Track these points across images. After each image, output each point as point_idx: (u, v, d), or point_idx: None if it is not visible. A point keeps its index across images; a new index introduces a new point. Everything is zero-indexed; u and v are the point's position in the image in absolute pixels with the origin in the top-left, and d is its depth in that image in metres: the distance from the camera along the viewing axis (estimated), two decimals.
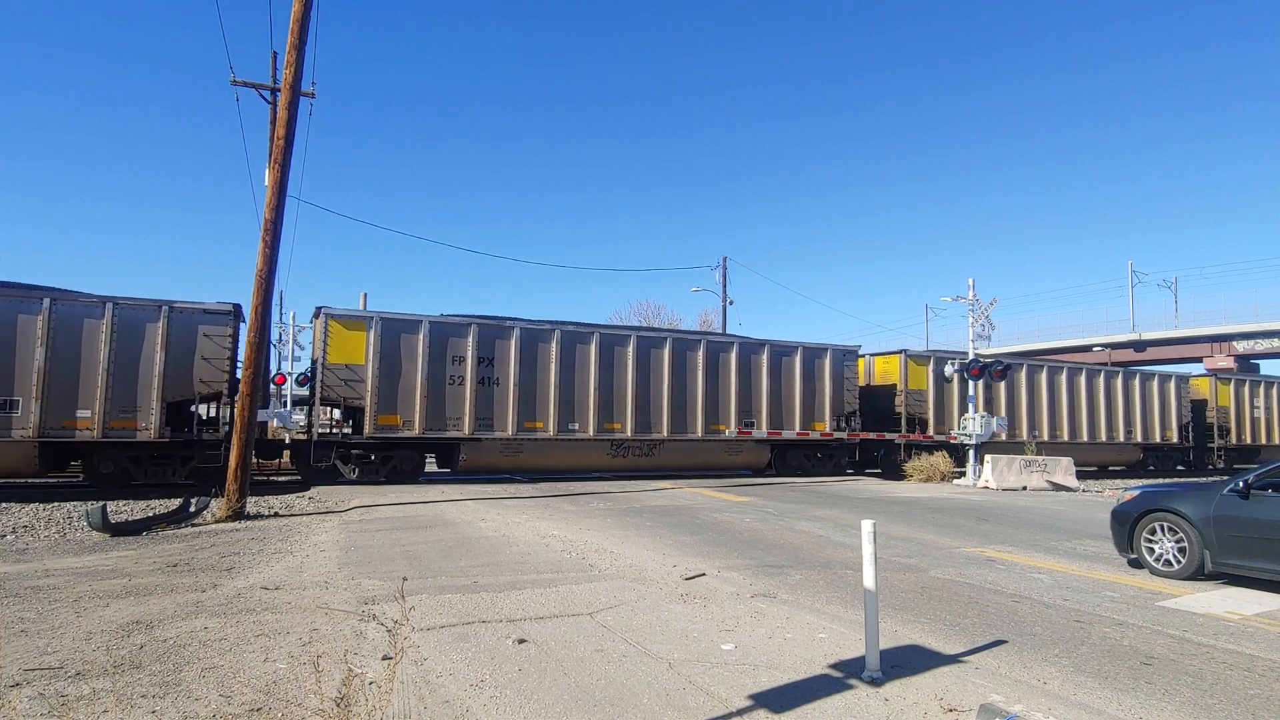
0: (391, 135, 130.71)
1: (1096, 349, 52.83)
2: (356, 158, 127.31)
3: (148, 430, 14.44)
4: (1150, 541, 7.97)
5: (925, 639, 5.33)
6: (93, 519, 9.91)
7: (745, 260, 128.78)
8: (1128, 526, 8.25)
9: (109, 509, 10.90)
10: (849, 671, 4.53)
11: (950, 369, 22.35)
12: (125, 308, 14.44)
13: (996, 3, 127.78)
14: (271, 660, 4.58)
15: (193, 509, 11.35)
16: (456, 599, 6.24)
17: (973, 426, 21.10)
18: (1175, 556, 7.71)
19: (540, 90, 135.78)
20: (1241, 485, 7.33)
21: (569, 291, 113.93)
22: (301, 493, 15.00)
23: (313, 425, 16.35)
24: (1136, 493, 8.51)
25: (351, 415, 17.42)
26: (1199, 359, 49.57)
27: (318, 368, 16.28)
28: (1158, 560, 7.86)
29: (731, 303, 35.89)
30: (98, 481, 14.60)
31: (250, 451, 11.82)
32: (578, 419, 18.44)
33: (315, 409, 16.32)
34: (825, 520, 11.87)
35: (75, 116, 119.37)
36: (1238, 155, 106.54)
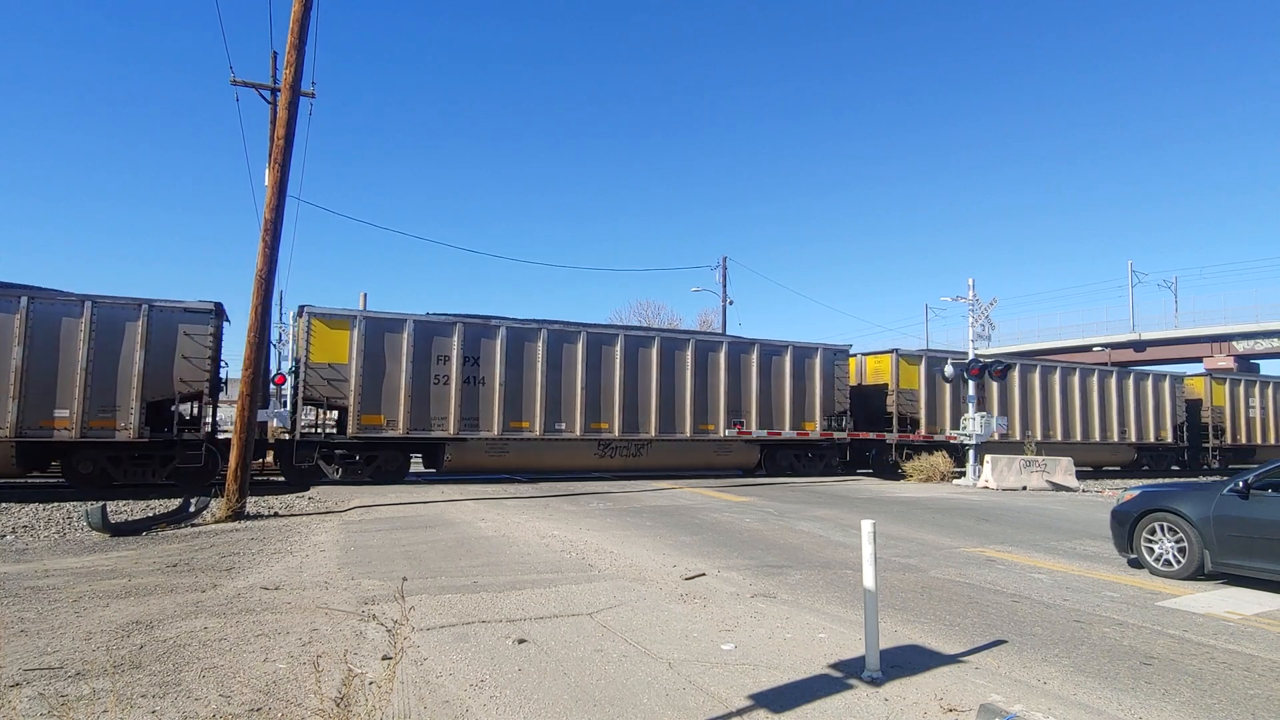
0: (391, 135, 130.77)
1: (1096, 349, 52.81)
2: (356, 158, 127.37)
3: (127, 430, 14.29)
4: (1150, 541, 7.97)
5: (925, 639, 5.33)
6: (93, 519, 9.91)
7: (745, 260, 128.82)
8: (1127, 526, 8.25)
9: (109, 509, 10.90)
10: (849, 671, 4.53)
11: (950, 369, 22.34)
12: (104, 306, 14.29)
13: (996, 3, 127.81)
14: (271, 660, 4.58)
15: (193, 509, 11.35)
16: (456, 599, 6.24)
17: (973, 426, 21.08)
18: (1175, 556, 7.71)
19: (540, 90, 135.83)
20: (1241, 485, 7.33)
21: (569, 291, 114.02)
22: (301, 493, 15.00)
23: (295, 425, 16.28)
24: (1136, 493, 8.51)
25: (335, 415, 17.37)
26: (1199, 359, 49.54)
27: (300, 367, 16.18)
28: (1158, 560, 7.86)
29: (731, 303, 35.93)
30: (77, 482, 14.45)
31: (250, 451, 11.82)
32: (564, 419, 18.36)
33: (298, 408, 16.25)
34: (825, 520, 11.87)
35: (75, 116, 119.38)
36: (1238, 155, 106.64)
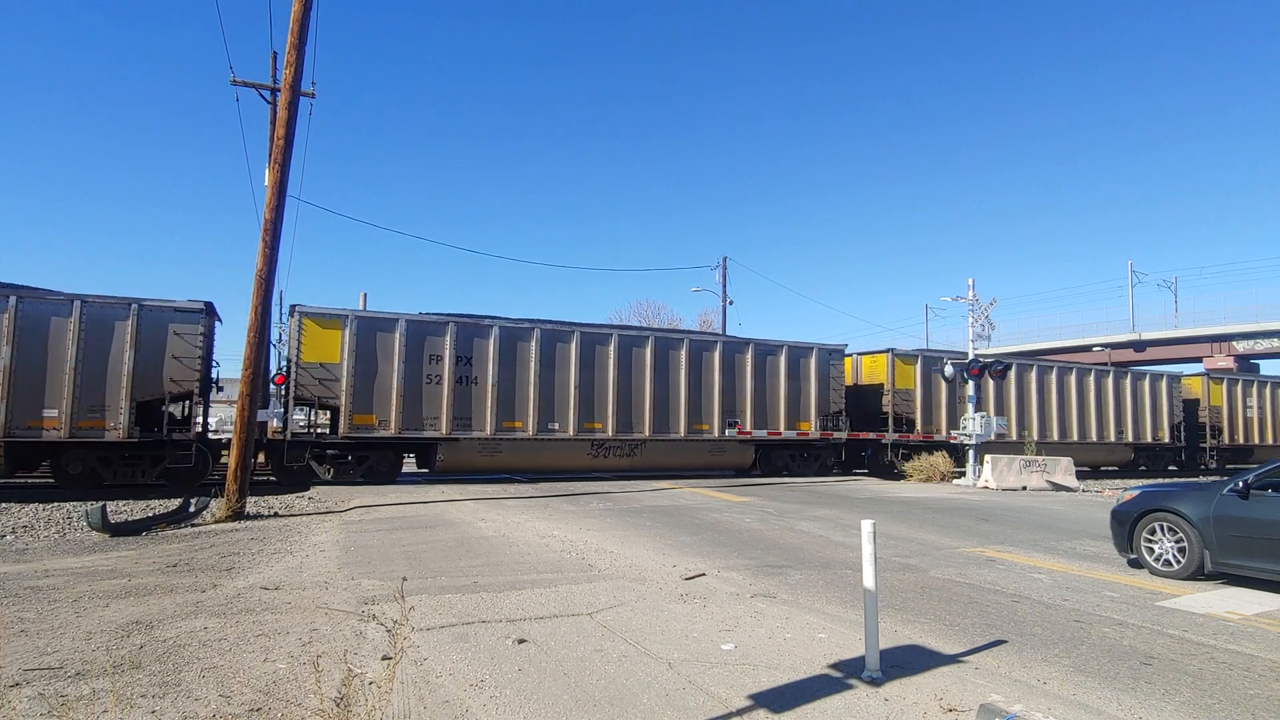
0: (391, 135, 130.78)
1: (1096, 349, 52.82)
2: (356, 158, 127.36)
3: (116, 430, 14.23)
4: (1150, 541, 7.97)
5: (925, 639, 5.33)
6: (92, 519, 9.91)
7: (745, 260, 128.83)
8: (1127, 526, 8.25)
9: (109, 509, 10.90)
10: (849, 671, 4.53)
11: (950, 369, 22.32)
12: (94, 306, 14.24)
13: (996, 3, 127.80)
14: (271, 660, 4.57)
15: (193, 509, 11.35)
16: (456, 599, 6.24)
17: (973, 426, 21.07)
18: (1175, 556, 7.71)
19: (540, 90, 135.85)
20: (1241, 485, 7.33)
21: (569, 291, 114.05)
22: (301, 493, 15.00)
23: (287, 425, 16.26)
24: (1136, 493, 8.51)
25: (327, 415, 17.30)
26: (1199, 359, 49.55)
27: (292, 367, 16.15)
28: (1157, 560, 7.86)
29: (731, 303, 35.89)
30: (66, 482, 14.41)
31: (250, 451, 11.82)
32: (558, 419, 18.32)
33: (289, 408, 16.23)
34: (825, 520, 11.86)
35: (75, 116, 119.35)
36: (1238, 155, 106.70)
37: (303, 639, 5.03)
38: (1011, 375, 24.31)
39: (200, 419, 15.84)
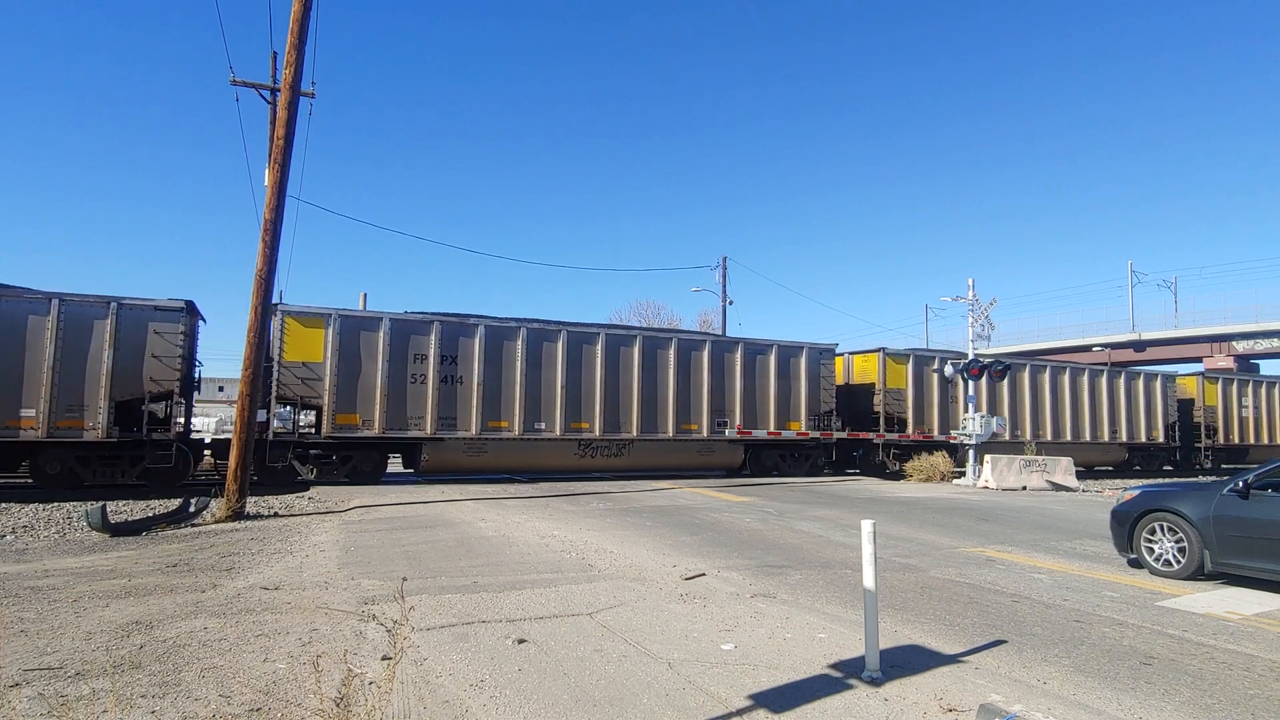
0: (391, 135, 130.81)
1: (1096, 349, 52.84)
2: (356, 158, 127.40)
3: (95, 430, 14.11)
4: (1150, 541, 7.97)
5: (925, 639, 5.33)
6: (92, 519, 9.91)
7: (745, 260, 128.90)
8: (1127, 526, 8.25)
9: (109, 509, 10.90)
10: (849, 671, 4.53)
11: (950, 369, 22.32)
12: (72, 304, 14.11)
13: (996, 3, 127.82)
14: (271, 660, 4.57)
15: (192, 509, 11.35)
16: (456, 599, 6.24)
17: (973, 426, 21.07)
18: (1175, 556, 7.71)
19: (540, 90, 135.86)
20: (1241, 485, 7.33)
21: (569, 291, 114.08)
22: (301, 493, 15.01)
23: (269, 424, 16.13)
24: (1136, 493, 8.51)
25: (311, 414, 17.21)
26: (1199, 359, 49.57)
27: (274, 366, 15.96)
28: (1157, 560, 7.86)
29: (731, 303, 35.90)
30: (45, 482, 14.32)
31: (250, 451, 11.82)
32: (544, 418, 18.20)
33: (270, 408, 16.09)
34: (825, 520, 11.87)
35: (75, 116, 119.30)
36: (1238, 155, 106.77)
37: (303, 639, 5.03)
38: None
39: (181, 419, 15.65)
